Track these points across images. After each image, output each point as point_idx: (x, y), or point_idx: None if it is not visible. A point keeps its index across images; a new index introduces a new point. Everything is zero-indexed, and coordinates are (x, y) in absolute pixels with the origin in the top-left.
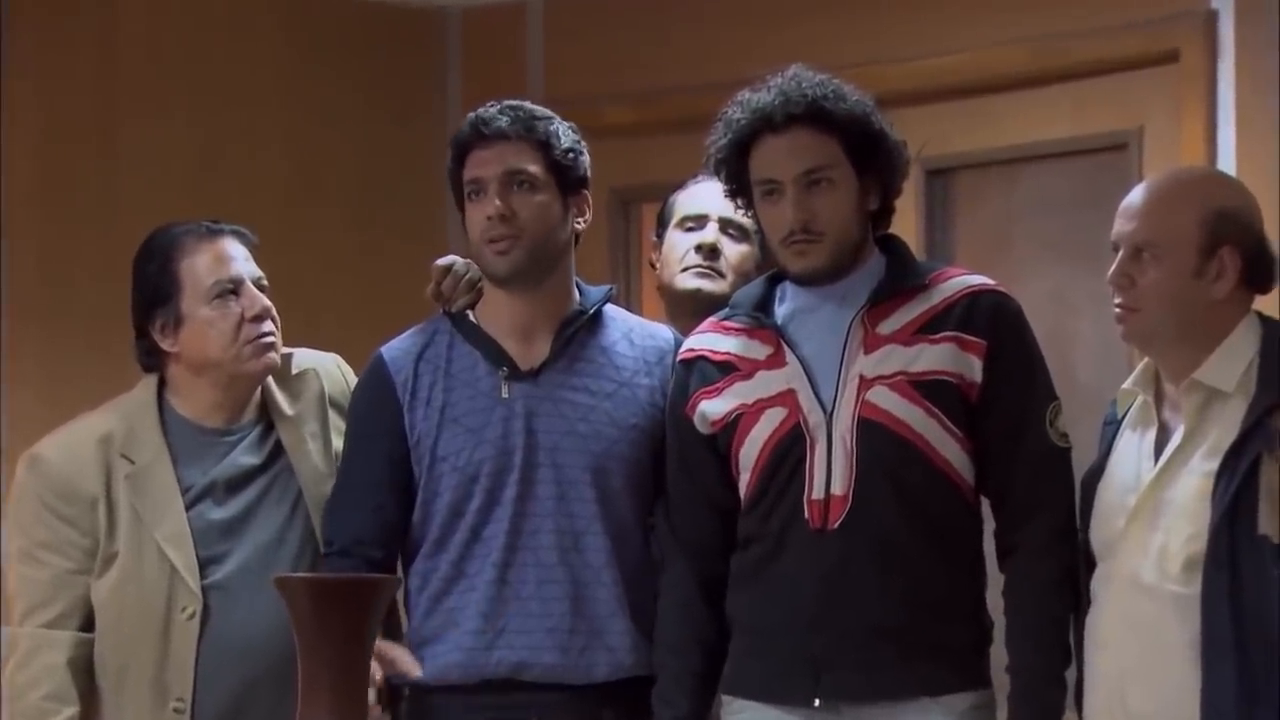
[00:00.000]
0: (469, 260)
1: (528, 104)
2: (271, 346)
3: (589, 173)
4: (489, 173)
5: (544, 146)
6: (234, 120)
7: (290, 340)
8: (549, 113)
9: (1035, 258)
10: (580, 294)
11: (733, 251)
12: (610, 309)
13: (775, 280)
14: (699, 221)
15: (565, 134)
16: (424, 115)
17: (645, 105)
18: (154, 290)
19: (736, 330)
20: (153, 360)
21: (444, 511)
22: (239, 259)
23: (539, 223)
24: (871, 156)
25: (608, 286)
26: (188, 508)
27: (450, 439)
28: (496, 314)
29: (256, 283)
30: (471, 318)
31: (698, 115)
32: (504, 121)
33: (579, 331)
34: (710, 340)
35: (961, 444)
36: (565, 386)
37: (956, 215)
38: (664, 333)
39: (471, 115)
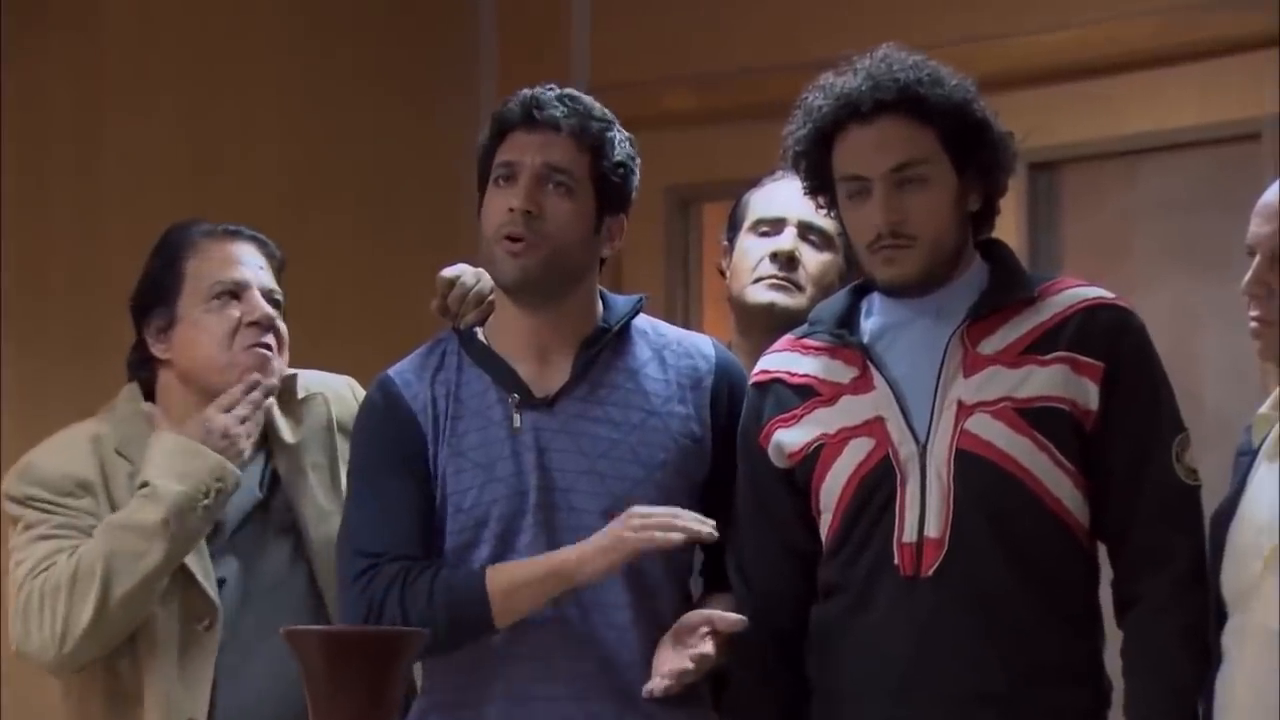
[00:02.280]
0: (479, 270)
1: (588, 99)
2: (267, 361)
3: (634, 196)
4: (526, 160)
5: (595, 151)
6: (229, 112)
7: (293, 362)
8: (610, 116)
9: (1155, 264)
10: (605, 307)
11: (813, 261)
12: (641, 322)
13: (861, 292)
14: (775, 226)
15: (622, 145)
16: (451, 105)
17: (708, 90)
18: (155, 288)
19: (817, 349)
20: (144, 369)
21: (449, 559)
22: (250, 265)
23: (565, 233)
24: (973, 150)
25: (637, 297)
26: None
27: (457, 475)
28: (508, 331)
29: (267, 294)
30: (480, 336)
31: (768, 102)
32: (559, 111)
33: (602, 352)
34: (787, 360)
35: (1075, 481)
36: (585, 417)
37: (1064, 216)
38: (703, 347)
39: (525, 93)
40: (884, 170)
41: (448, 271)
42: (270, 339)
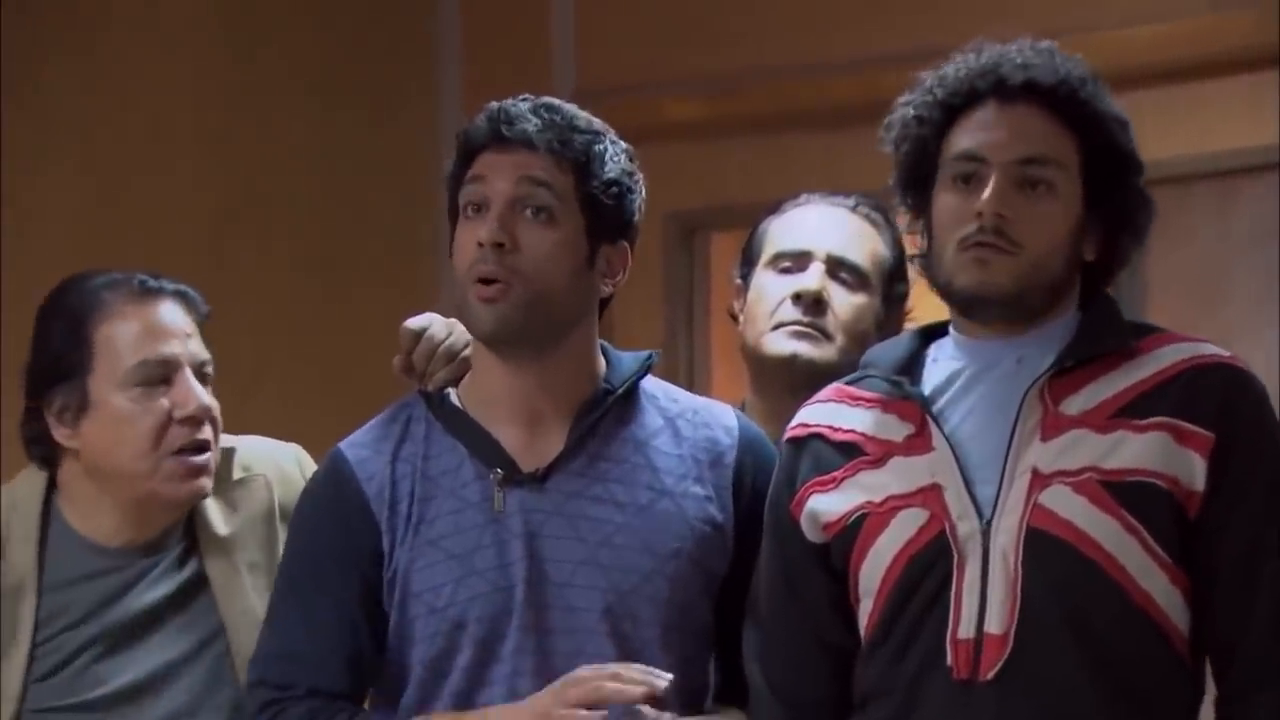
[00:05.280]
0: (450, 321)
1: (570, 108)
2: (204, 469)
3: (637, 219)
4: (496, 187)
5: (580, 170)
6: (134, 121)
7: (224, 426)
8: (599, 127)
9: (1256, 306)
10: (608, 365)
11: (844, 304)
12: (650, 385)
13: (929, 337)
14: (799, 261)
15: (614, 160)
16: (406, 116)
17: (716, 97)
18: (57, 360)
19: (869, 401)
20: (44, 450)
21: (420, 668)
22: (179, 335)
23: (546, 270)
24: (1112, 183)
25: (646, 353)
26: (69, 661)
27: (427, 569)
28: (488, 393)
29: (199, 369)
30: (454, 399)
31: (789, 111)
32: (532, 124)
33: (604, 418)
34: (830, 413)
35: (1171, 575)
36: (583, 496)
37: (1148, 247)
38: (724, 417)
39: (493, 106)
40: (1010, 158)
41: (413, 322)
42: (206, 433)
